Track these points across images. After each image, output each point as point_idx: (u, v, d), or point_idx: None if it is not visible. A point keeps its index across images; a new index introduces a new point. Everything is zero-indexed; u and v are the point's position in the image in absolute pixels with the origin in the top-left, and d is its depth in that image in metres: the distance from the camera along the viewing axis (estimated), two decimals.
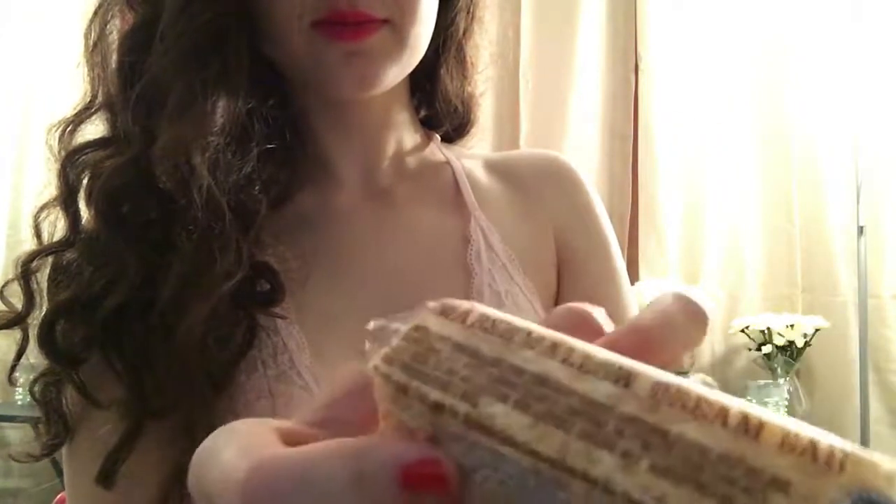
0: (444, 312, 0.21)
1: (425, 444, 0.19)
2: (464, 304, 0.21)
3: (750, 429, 0.17)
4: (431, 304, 0.21)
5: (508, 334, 0.20)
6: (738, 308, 2.42)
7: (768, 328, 2.22)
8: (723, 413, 0.18)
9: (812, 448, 0.17)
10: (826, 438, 0.17)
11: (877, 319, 2.27)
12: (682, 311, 0.23)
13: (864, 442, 2.14)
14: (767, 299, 2.41)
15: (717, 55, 2.50)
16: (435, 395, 0.20)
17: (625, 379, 0.19)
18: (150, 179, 0.52)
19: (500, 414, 0.19)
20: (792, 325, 2.21)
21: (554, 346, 0.20)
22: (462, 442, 0.19)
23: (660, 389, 0.18)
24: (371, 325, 0.22)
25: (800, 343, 2.21)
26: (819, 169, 2.40)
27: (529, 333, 0.20)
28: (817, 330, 2.21)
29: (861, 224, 2.23)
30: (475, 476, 0.19)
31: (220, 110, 0.53)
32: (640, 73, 2.54)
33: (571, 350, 0.20)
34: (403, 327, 0.21)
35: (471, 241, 0.63)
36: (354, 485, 0.18)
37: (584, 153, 2.50)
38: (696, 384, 0.18)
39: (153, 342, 0.51)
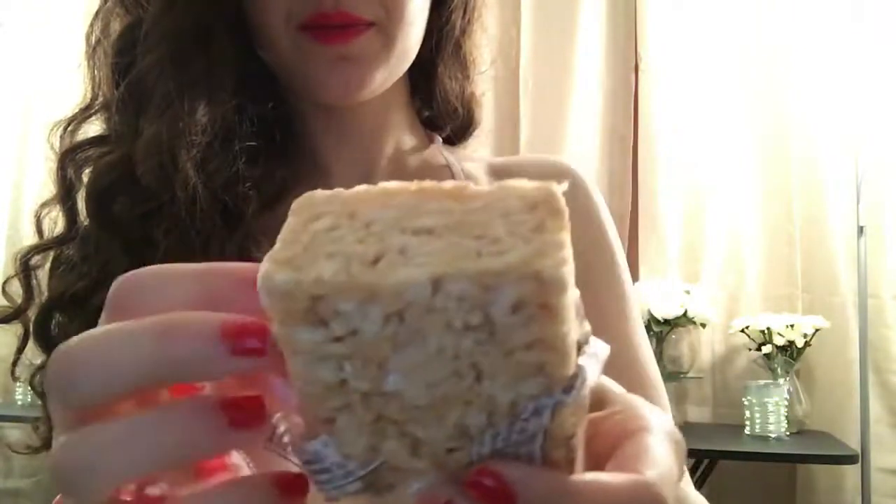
0: None
1: None
2: None
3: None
4: None
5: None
6: (738, 308, 2.42)
7: (768, 328, 2.22)
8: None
9: None
10: None
11: (877, 319, 2.27)
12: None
13: (864, 442, 2.14)
14: (767, 299, 2.41)
15: (718, 55, 2.50)
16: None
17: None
18: (137, 177, 0.53)
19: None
20: (792, 325, 2.20)
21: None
22: None
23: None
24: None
25: (800, 343, 2.21)
26: (819, 169, 2.40)
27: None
28: (817, 330, 2.21)
29: (861, 224, 2.23)
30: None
31: (204, 110, 0.53)
32: (640, 73, 2.54)
33: None
34: None
35: None
36: None
37: (584, 153, 2.50)
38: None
39: None
